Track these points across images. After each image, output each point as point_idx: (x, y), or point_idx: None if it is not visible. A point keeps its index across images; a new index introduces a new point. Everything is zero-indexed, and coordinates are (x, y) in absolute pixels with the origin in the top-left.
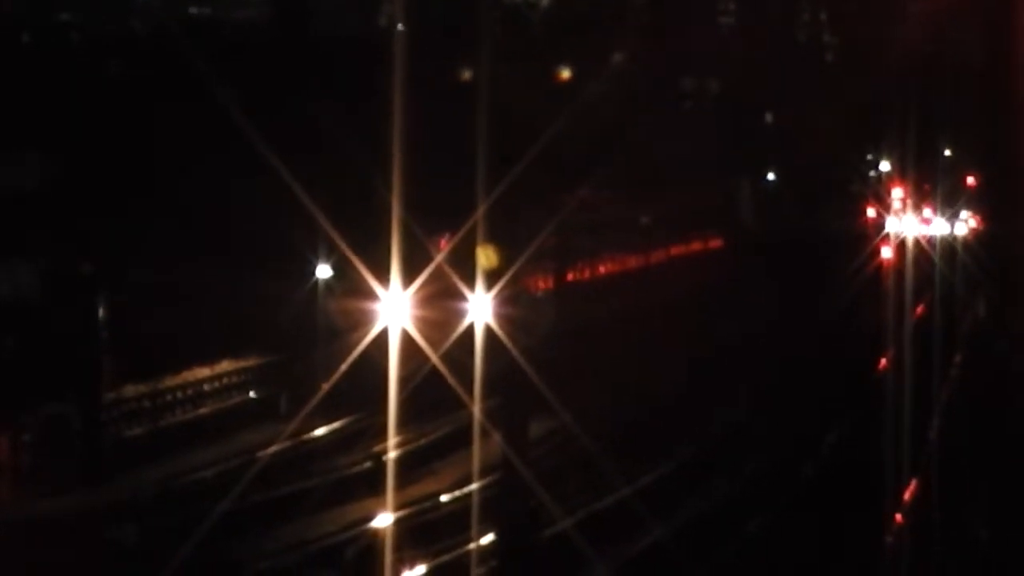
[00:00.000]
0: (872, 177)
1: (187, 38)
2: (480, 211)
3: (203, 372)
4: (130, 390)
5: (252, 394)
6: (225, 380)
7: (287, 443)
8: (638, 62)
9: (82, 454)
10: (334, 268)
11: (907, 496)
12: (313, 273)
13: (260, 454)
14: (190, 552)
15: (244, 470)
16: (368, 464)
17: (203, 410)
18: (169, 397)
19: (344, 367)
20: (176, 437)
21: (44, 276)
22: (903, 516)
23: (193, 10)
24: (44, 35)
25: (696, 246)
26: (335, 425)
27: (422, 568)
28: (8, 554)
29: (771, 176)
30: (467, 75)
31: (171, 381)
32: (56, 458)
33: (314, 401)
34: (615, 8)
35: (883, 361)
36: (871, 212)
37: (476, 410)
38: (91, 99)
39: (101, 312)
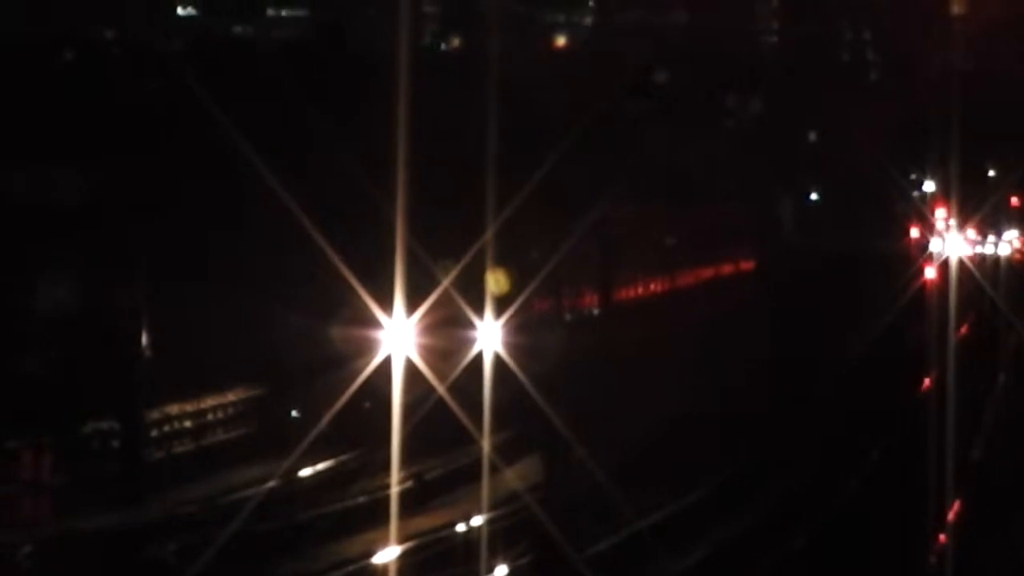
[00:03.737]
0: (916, 197)
1: (226, 57)
2: (488, 234)
3: (243, 392)
4: (172, 408)
5: (294, 413)
6: (268, 400)
7: (329, 462)
8: (678, 79)
9: (123, 472)
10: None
11: (951, 516)
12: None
13: (301, 473)
14: (229, 571)
15: (285, 489)
16: (408, 484)
17: (244, 429)
18: (210, 416)
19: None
20: (217, 456)
21: (83, 293)
22: (946, 536)
23: (237, 28)
24: (86, 52)
25: (727, 268)
26: (377, 446)
27: None
28: (47, 572)
29: (813, 195)
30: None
31: (212, 400)
32: (97, 476)
33: (354, 422)
34: (655, 26)
35: (927, 381)
36: (915, 232)
37: (485, 444)
38: (130, 116)
39: (142, 331)
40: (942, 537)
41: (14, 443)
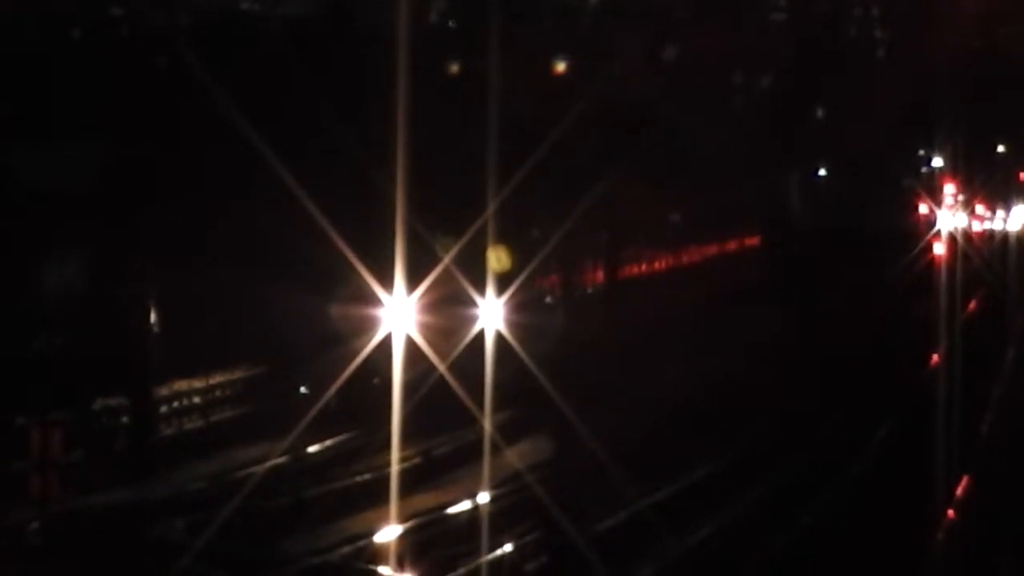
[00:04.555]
0: (924, 173)
1: (232, 33)
2: (490, 210)
3: (252, 369)
4: (181, 385)
5: (303, 390)
6: (276, 377)
7: (339, 438)
8: (685, 56)
9: (132, 448)
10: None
11: (959, 492)
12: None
13: (310, 449)
14: (237, 548)
15: (293, 466)
16: (416, 460)
17: (254, 406)
18: (219, 392)
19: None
20: (226, 433)
21: (93, 270)
22: (955, 512)
23: (244, 5)
24: (95, 30)
25: (731, 245)
26: (385, 422)
27: (471, 565)
28: (56, 549)
29: (821, 172)
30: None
31: (221, 377)
32: (106, 452)
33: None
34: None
35: (935, 357)
36: (923, 208)
37: (487, 424)
38: (140, 94)
39: (151, 308)
40: (950, 512)
41: (23, 420)
